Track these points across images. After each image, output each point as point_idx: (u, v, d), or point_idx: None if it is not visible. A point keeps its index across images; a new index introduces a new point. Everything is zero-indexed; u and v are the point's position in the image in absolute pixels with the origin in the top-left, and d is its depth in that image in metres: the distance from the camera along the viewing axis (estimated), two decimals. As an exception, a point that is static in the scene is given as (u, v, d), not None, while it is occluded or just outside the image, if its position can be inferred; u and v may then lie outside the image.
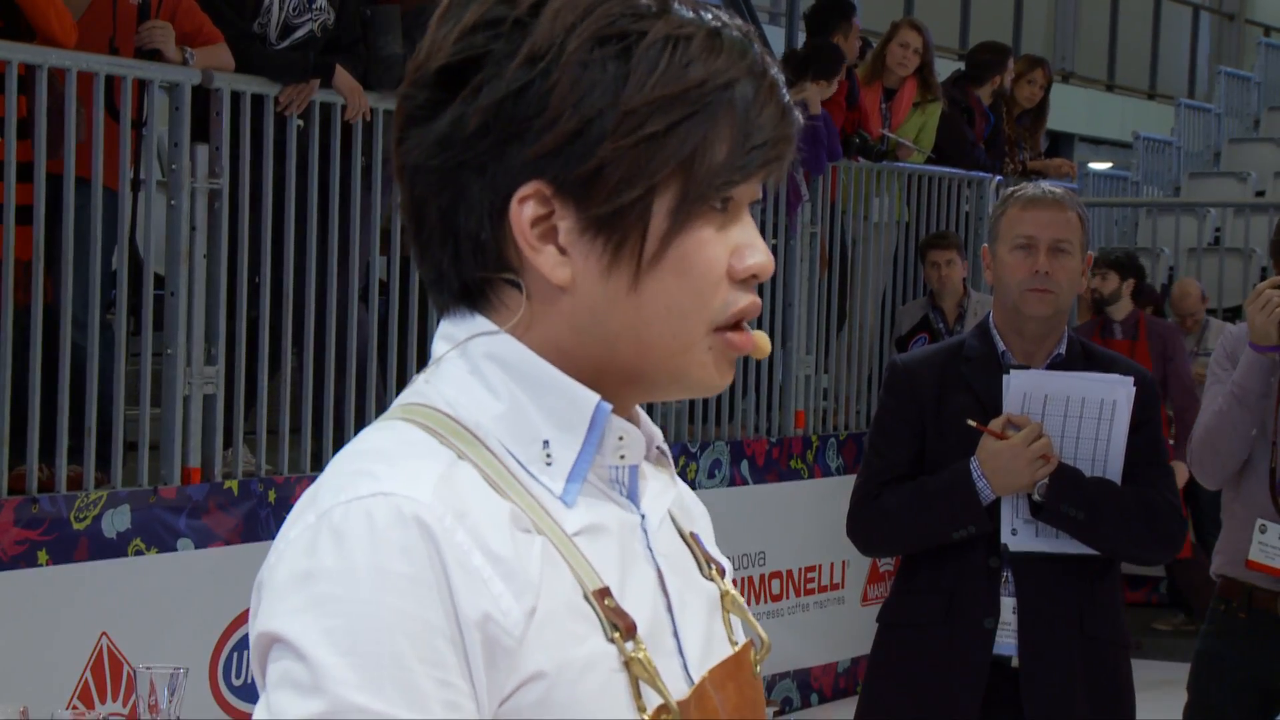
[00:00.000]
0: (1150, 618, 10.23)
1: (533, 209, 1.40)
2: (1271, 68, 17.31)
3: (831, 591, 8.73)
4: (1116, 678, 4.04)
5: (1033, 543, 3.98)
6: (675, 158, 1.39)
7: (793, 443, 8.63)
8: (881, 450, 4.09)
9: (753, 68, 1.42)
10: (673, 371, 1.43)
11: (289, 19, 6.43)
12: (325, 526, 1.33)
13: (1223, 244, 12.81)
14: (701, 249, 1.41)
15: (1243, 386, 4.52)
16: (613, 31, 1.39)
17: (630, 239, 1.40)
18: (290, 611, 1.31)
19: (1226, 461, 4.58)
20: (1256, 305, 4.52)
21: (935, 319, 9.07)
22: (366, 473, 1.35)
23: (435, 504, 1.33)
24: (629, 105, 1.38)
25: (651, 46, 1.39)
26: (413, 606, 1.29)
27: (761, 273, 1.43)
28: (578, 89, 1.38)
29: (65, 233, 5.69)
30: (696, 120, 1.39)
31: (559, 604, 1.36)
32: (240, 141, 6.18)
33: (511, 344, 1.42)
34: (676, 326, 1.41)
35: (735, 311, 1.43)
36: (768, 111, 1.42)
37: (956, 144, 9.98)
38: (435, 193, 1.43)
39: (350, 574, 1.30)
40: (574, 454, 1.41)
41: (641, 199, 1.39)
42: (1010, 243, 4.03)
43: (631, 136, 1.38)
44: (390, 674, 1.28)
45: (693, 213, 1.40)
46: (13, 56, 5.55)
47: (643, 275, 1.40)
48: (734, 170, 1.41)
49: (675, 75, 1.39)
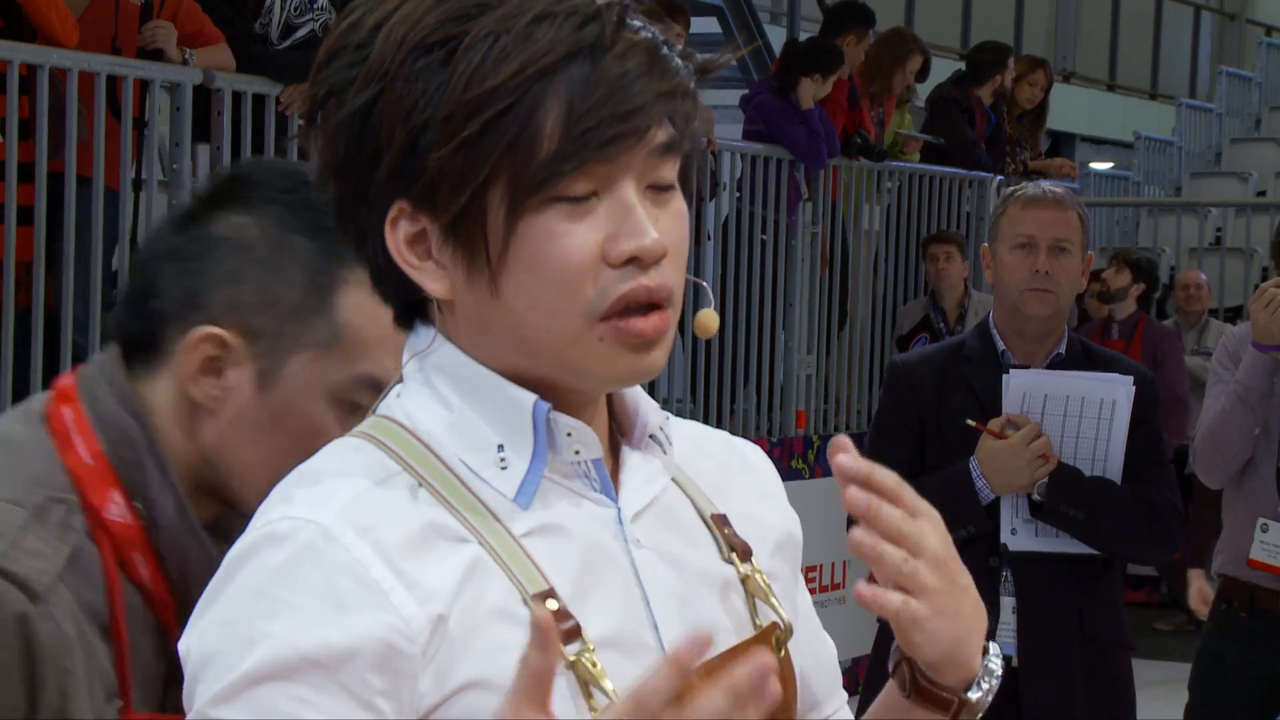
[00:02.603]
0: (1150, 618, 10.23)
1: (405, 227, 1.41)
2: (1272, 68, 17.31)
3: (832, 591, 8.73)
4: (1116, 677, 4.04)
5: (1032, 542, 3.99)
6: (492, 156, 1.36)
7: (793, 443, 8.64)
8: (881, 450, 4.09)
9: (594, 39, 1.37)
10: (569, 367, 1.40)
11: (290, 19, 6.44)
12: (240, 549, 1.38)
13: (1224, 244, 12.81)
14: (551, 242, 1.37)
15: (1246, 386, 4.52)
16: (437, 37, 1.38)
17: (476, 243, 1.39)
18: (190, 625, 1.39)
19: (1230, 461, 4.59)
20: (1260, 304, 4.52)
21: (936, 319, 9.07)
22: (285, 497, 1.39)
23: (335, 523, 1.35)
24: (445, 111, 1.36)
25: (471, 46, 1.37)
26: (282, 630, 1.33)
27: (644, 255, 1.38)
28: (405, 103, 1.37)
29: (67, 233, 5.70)
30: (511, 115, 1.36)
31: (488, 611, 1.36)
32: (241, 141, 6.18)
33: (456, 355, 1.43)
34: (548, 321, 1.39)
35: (617, 298, 1.38)
36: (610, 84, 1.36)
37: (957, 144, 10.00)
38: (344, 229, 1.46)
39: (238, 600, 1.36)
40: (526, 457, 1.41)
41: (473, 202, 1.38)
42: (1010, 242, 4.03)
43: (452, 142, 1.37)
44: (245, 691, 1.33)
45: (528, 207, 1.37)
46: (14, 56, 5.56)
47: (498, 277, 1.39)
48: (565, 159, 1.36)
49: (490, 69, 1.36)
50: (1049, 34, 18.32)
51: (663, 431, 1.51)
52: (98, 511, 1.75)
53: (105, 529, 1.75)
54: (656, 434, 1.50)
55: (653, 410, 1.50)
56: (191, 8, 6.23)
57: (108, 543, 1.75)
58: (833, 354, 9.15)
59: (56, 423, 1.78)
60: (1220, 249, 12.44)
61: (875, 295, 9.40)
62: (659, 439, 1.50)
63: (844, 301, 9.21)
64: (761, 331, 8.57)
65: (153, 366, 1.80)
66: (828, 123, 8.71)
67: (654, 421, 1.50)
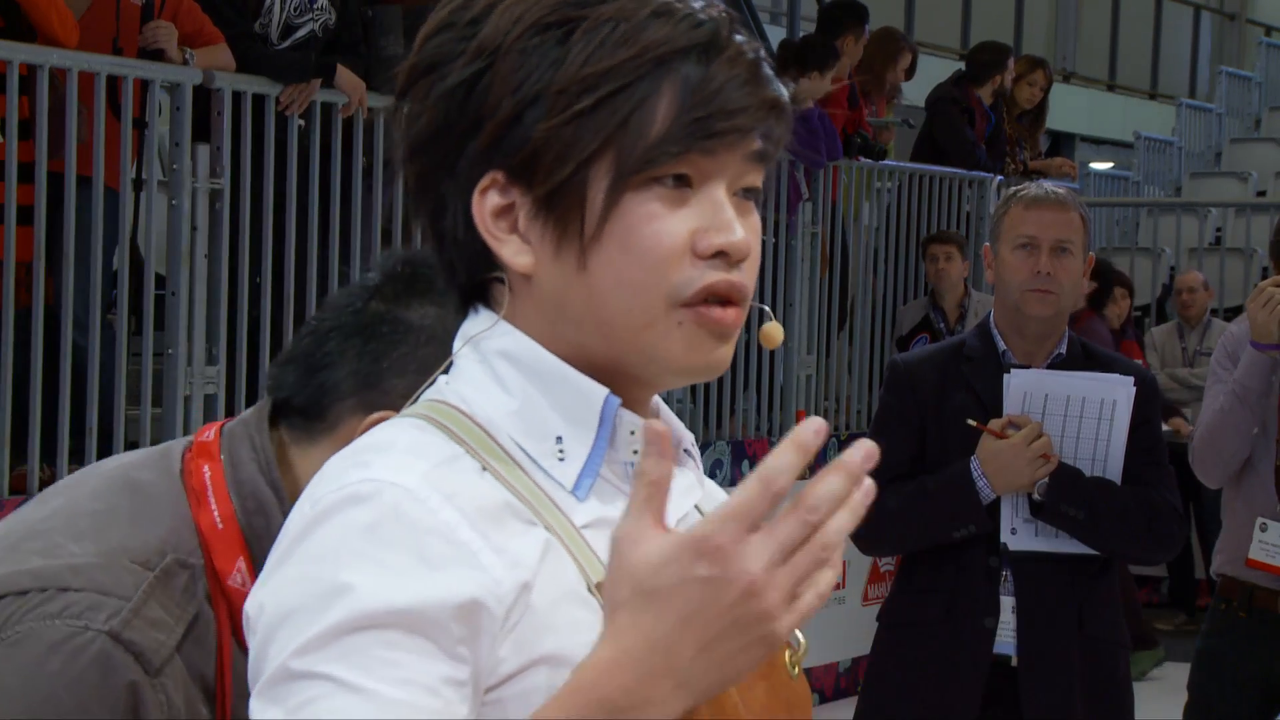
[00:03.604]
0: (1150, 618, 10.22)
1: (494, 199, 1.42)
2: (1272, 68, 17.31)
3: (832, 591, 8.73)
4: (1116, 677, 4.04)
5: (1032, 542, 3.99)
6: (604, 132, 1.39)
7: (793, 443, 8.62)
8: (881, 450, 4.08)
9: (709, 39, 1.41)
10: (642, 350, 1.42)
11: (290, 19, 6.44)
12: (315, 512, 1.36)
13: (1224, 244, 12.80)
14: (648, 223, 1.40)
15: (1244, 385, 4.52)
16: (555, 18, 1.41)
17: (571, 216, 1.41)
18: (258, 585, 1.36)
19: (1228, 460, 4.59)
20: (1258, 303, 4.52)
21: (936, 319, 9.07)
22: (360, 463, 1.38)
23: (421, 487, 1.35)
24: (560, 85, 1.39)
25: (591, 29, 1.40)
26: (370, 583, 1.31)
27: (732, 250, 1.42)
28: (516, 76, 1.40)
29: (66, 233, 5.70)
30: (626, 94, 1.39)
31: (564, 591, 1.37)
32: (241, 141, 6.19)
33: (523, 340, 1.44)
34: (630, 301, 1.41)
35: (702, 287, 1.41)
36: (720, 83, 1.40)
37: (957, 144, 10.00)
38: (422, 201, 1.47)
39: (320, 555, 1.33)
40: (586, 449, 1.43)
41: (575, 174, 1.40)
42: (1012, 243, 4.03)
43: (563, 115, 1.39)
44: (334, 641, 1.30)
45: (630, 185, 1.40)
46: (14, 56, 5.56)
47: (588, 252, 1.40)
48: (673, 141, 1.39)
49: (609, 51, 1.39)
50: (1049, 34, 18.32)
51: (694, 449, 1.53)
52: (221, 578, 1.76)
53: (225, 595, 1.76)
54: (690, 449, 1.53)
55: (683, 428, 1.53)
56: (191, 8, 6.23)
57: (225, 609, 1.76)
58: (833, 354, 9.15)
59: (194, 479, 1.79)
60: (1220, 249, 12.43)
61: (875, 295, 9.40)
62: (692, 455, 1.53)
63: (844, 301, 9.21)
64: (761, 331, 8.56)
65: (313, 434, 1.82)
66: (828, 123, 8.71)
67: (686, 438, 1.52)
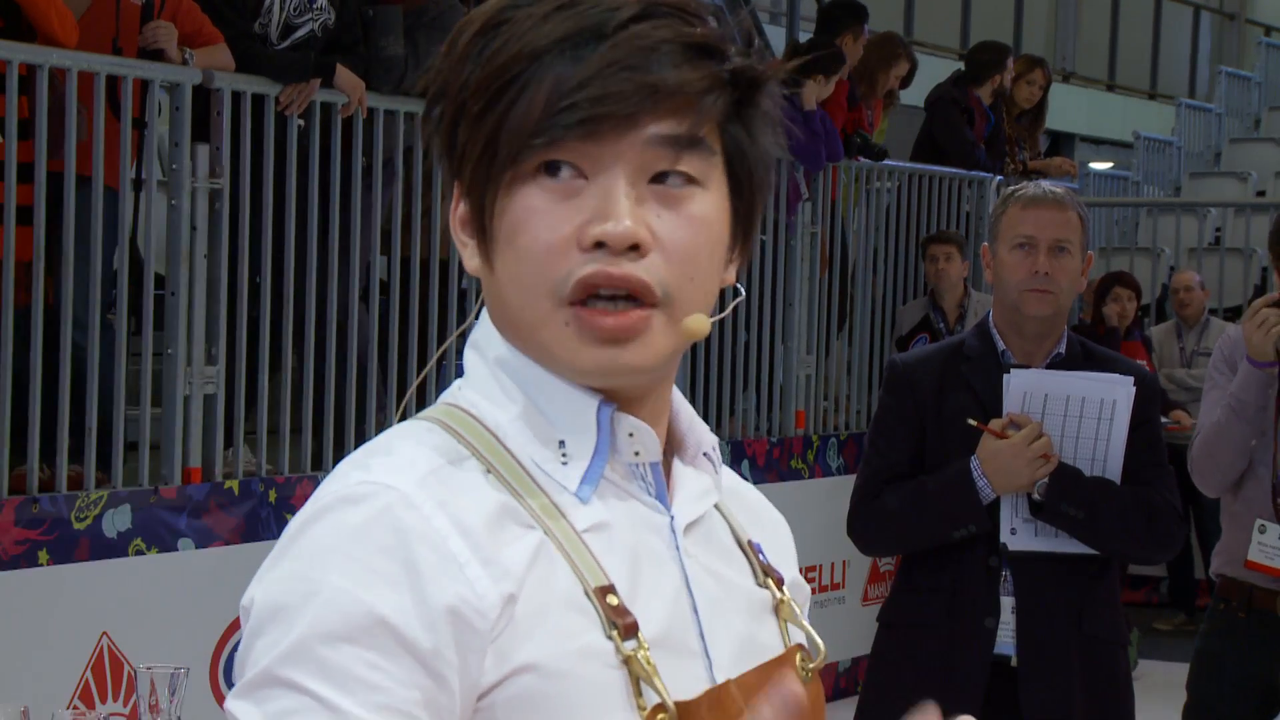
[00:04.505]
0: (1150, 618, 10.23)
1: (461, 207, 1.45)
2: (1272, 68, 17.31)
3: (832, 591, 8.73)
4: (1115, 677, 4.04)
5: (1032, 542, 3.99)
6: (488, 132, 1.39)
7: (793, 443, 8.64)
8: (881, 449, 4.10)
9: (594, 28, 1.38)
10: (542, 349, 1.42)
11: (290, 19, 6.44)
12: (311, 510, 1.37)
13: (1223, 244, 12.80)
14: (528, 218, 1.39)
15: (1240, 400, 4.51)
16: (496, 20, 1.41)
17: (476, 218, 1.43)
18: (255, 579, 1.37)
19: (1226, 472, 4.58)
20: (1254, 324, 4.49)
21: (935, 319, 9.07)
22: (362, 465, 1.39)
23: (416, 492, 1.35)
24: (469, 89, 1.40)
25: (500, 30, 1.40)
26: (354, 588, 1.32)
27: (608, 240, 1.36)
28: (455, 83, 1.42)
29: (66, 233, 5.69)
30: (509, 92, 1.38)
31: (554, 599, 1.37)
32: (241, 141, 6.18)
33: (505, 346, 1.45)
34: (522, 299, 1.41)
35: (577, 281, 1.37)
36: (594, 70, 1.37)
37: (957, 144, 10.00)
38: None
39: (310, 554, 1.34)
40: (588, 454, 1.43)
41: (474, 176, 1.41)
42: (1010, 242, 4.03)
43: (466, 119, 1.41)
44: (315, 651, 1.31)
45: (516, 180, 1.39)
46: (13, 56, 5.55)
47: (491, 251, 1.42)
48: (540, 132, 1.37)
49: (499, 52, 1.40)
50: (1048, 34, 18.32)
51: (715, 452, 1.53)
52: None
53: None
54: (710, 453, 1.52)
55: (706, 431, 1.52)
56: (191, 8, 6.23)
57: None
58: (832, 354, 9.15)
59: None
60: (1220, 249, 12.43)
61: (875, 295, 9.40)
62: (712, 458, 1.53)
63: (843, 301, 9.21)
64: (761, 331, 8.57)
65: None
66: (829, 124, 8.71)
67: (708, 441, 1.52)
